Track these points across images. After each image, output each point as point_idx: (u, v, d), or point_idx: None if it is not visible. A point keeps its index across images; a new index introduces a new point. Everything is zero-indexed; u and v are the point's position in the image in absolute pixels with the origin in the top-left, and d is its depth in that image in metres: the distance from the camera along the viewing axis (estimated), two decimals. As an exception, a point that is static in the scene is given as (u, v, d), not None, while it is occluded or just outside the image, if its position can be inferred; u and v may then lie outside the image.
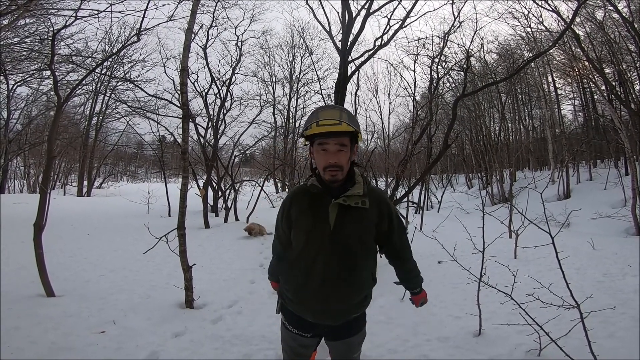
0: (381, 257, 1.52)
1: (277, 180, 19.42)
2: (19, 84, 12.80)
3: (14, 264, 3.97)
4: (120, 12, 4.94)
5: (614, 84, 10.51)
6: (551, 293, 2.26)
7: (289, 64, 20.88)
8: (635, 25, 8.78)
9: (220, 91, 10.64)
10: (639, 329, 2.41)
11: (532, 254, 4.58)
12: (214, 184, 10.25)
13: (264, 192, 10.65)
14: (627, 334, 2.39)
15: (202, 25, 9.60)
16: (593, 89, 12.53)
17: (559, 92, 15.45)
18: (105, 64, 14.35)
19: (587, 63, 9.91)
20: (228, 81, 10.75)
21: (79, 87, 11.07)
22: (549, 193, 11.59)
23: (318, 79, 13.37)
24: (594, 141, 13.32)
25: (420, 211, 9.86)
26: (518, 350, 2.26)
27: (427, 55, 9.21)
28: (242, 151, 13.30)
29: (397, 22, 7.35)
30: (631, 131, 9.11)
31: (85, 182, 18.74)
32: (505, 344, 2.34)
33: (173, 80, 11.17)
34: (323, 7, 8.75)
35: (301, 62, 20.53)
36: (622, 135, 8.45)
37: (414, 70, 13.61)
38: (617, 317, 2.64)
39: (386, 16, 7.36)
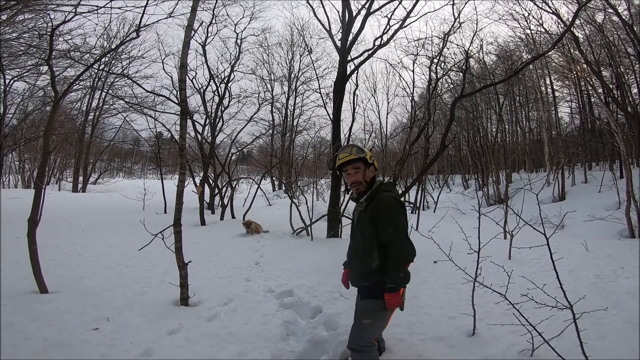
0: None
1: (274, 179, 19.40)
2: (15, 79, 12.66)
3: (7, 259, 3.94)
4: (119, 8, 4.85)
5: (611, 86, 10.57)
6: (545, 294, 2.27)
7: (287, 62, 20.86)
8: (635, 29, 8.83)
9: (219, 88, 10.62)
10: (639, 330, 2.44)
11: (527, 255, 4.61)
12: (211, 181, 10.23)
13: (261, 190, 10.64)
14: (619, 336, 2.42)
15: (202, 22, 9.59)
16: (590, 92, 12.59)
17: (557, 94, 15.49)
18: (103, 59, 14.23)
19: (585, 66, 9.95)
20: (226, 78, 10.74)
21: (76, 82, 10.99)
22: (544, 195, 11.65)
23: (317, 78, 13.31)
24: (589, 144, 13.38)
25: (417, 211, 9.90)
26: (511, 350, 2.28)
27: (427, 56, 9.26)
28: (239, 149, 13.29)
29: (397, 22, 7.38)
30: (627, 134, 9.16)
31: (81, 178, 18.63)
32: (498, 344, 2.36)
33: (171, 77, 11.13)
34: (323, 6, 8.79)
35: (300, 61, 20.54)
36: (618, 139, 8.48)
37: (413, 71, 13.60)
38: (608, 319, 2.66)
39: (386, 16, 7.39)
